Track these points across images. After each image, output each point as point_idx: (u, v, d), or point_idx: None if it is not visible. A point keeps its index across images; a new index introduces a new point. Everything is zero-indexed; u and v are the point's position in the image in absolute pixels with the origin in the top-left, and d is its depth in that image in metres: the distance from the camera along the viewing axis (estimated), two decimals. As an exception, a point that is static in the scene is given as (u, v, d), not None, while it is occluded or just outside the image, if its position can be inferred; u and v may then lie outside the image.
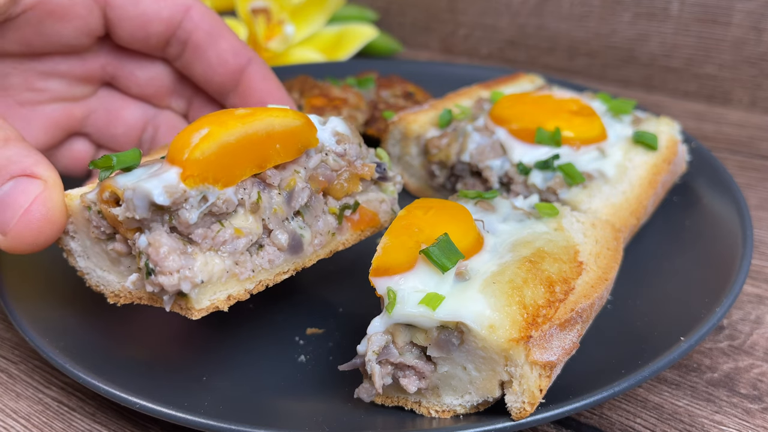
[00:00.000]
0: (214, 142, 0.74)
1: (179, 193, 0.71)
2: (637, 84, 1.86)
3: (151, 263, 0.72)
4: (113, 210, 0.74)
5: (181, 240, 0.74)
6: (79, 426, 0.85)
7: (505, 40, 2.01)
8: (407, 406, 0.80)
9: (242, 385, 0.85)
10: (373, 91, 1.47)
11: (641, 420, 0.86)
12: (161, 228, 0.73)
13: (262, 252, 0.80)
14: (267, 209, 0.79)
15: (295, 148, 0.81)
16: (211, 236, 0.75)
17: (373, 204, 0.92)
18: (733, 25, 1.68)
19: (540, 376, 0.73)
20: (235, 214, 0.77)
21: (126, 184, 0.73)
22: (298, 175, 0.82)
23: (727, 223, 1.05)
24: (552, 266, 0.81)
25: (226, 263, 0.76)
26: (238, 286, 0.79)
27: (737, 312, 1.03)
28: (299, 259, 0.84)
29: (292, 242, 0.82)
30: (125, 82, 1.06)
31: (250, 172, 0.77)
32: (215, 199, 0.74)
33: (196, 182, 0.72)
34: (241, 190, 0.77)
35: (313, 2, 1.82)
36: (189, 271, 0.73)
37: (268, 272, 0.82)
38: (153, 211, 0.72)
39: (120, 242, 0.78)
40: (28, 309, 0.90)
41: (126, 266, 0.80)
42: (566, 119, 1.12)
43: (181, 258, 0.73)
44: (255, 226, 0.78)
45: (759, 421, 0.86)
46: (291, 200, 0.81)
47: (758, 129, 1.62)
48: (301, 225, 0.83)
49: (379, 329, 0.76)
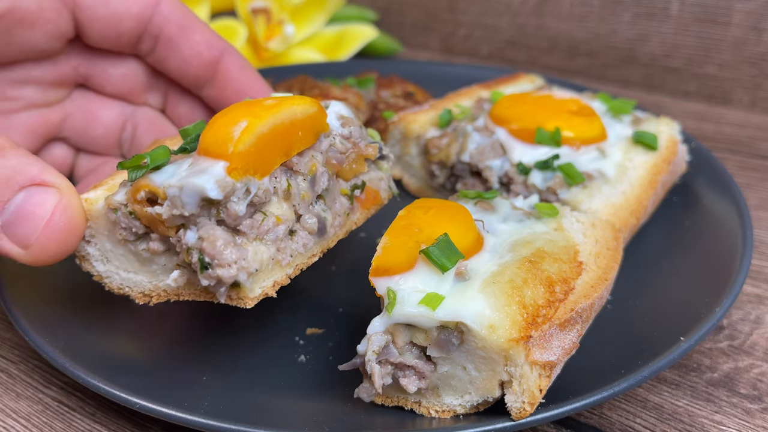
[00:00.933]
0: (253, 134, 0.75)
1: (230, 186, 0.73)
2: (637, 84, 1.86)
3: (207, 257, 0.73)
4: (152, 209, 0.74)
5: (230, 232, 0.75)
6: (79, 426, 0.85)
7: (505, 40, 2.02)
8: (407, 406, 0.80)
9: (242, 385, 0.85)
10: (373, 91, 1.47)
11: (641, 420, 0.86)
12: (210, 222, 0.74)
13: (295, 237, 0.82)
14: (296, 195, 0.81)
15: (312, 133, 0.84)
16: (257, 226, 0.76)
17: (374, 182, 0.94)
18: (733, 25, 1.68)
19: (540, 376, 0.73)
20: (271, 202, 0.79)
21: (167, 182, 0.73)
22: (317, 159, 0.84)
23: (727, 223, 1.05)
24: (552, 266, 0.81)
25: (271, 251, 0.78)
26: (281, 272, 0.81)
27: (737, 312, 1.03)
28: (324, 241, 0.87)
29: (319, 225, 0.84)
30: (99, 81, 1.05)
31: (280, 160, 0.80)
32: (256, 190, 0.75)
33: (241, 174, 0.74)
34: (274, 179, 0.79)
35: (313, 2, 1.83)
36: (244, 261, 0.74)
37: (303, 256, 0.84)
38: (202, 207, 0.73)
39: (156, 241, 0.78)
40: (28, 309, 0.90)
41: (160, 265, 0.81)
42: (566, 119, 1.12)
43: (236, 249, 0.74)
44: (290, 213, 0.80)
45: (759, 421, 0.86)
46: (314, 185, 0.83)
47: (758, 129, 1.62)
48: (324, 208, 0.86)
49: (379, 329, 0.76)
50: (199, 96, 1.07)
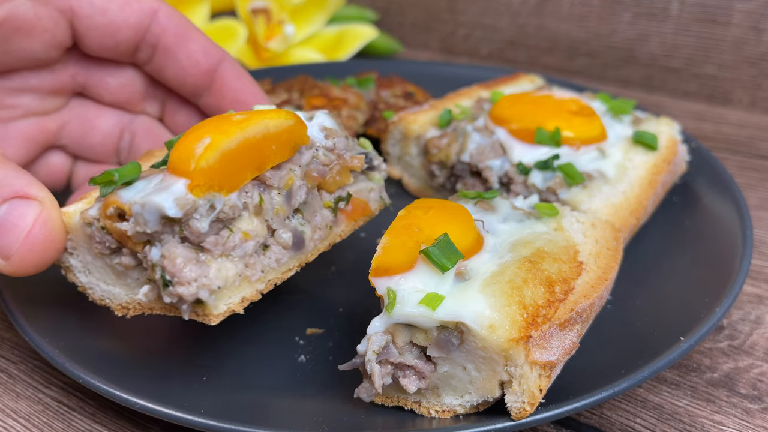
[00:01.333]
0: (217, 150, 0.74)
1: (189, 204, 0.72)
2: (637, 84, 1.86)
3: (168, 275, 0.73)
4: (120, 225, 0.74)
5: (194, 249, 0.74)
6: (79, 426, 0.85)
7: (505, 40, 2.02)
8: (407, 406, 0.80)
9: (242, 385, 0.85)
10: (373, 91, 1.47)
11: (641, 420, 0.86)
12: (173, 239, 0.74)
13: (268, 252, 0.81)
14: (269, 210, 0.80)
15: (289, 147, 0.82)
16: (221, 242, 0.76)
17: (363, 193, 0.93)
18: (733, 25, 1.68)
19: (540, 376, 0.73)
20: (240, 218, 0.78)
21: (132, 199, 0.73)
22: (294, 173, 0.83)
23: (727, 223, 1.05)
24: (552, 266, 0.81)
25: (238, 267, 0.77)
26: (250, 287, 0.80)
27: (737, 312, 1.03)
28: (302, 255, 0.86)
29: (295, 240, 0.83)
30: (97, 90, 1.05)
31: (251, 175, 0.78)
32: (222, 206, 0.75)
33: (204, 191, 0.73)
34: (244, 194, 0.78)
35: (313, 2, 1.83)
36: (206, 278, 0.74)
37: (276, 271, 0.83)
38: (163, 224, 0.73)
39: (127, 256, 0.78)
40: (28, 309, 0.90)
41: (134, 278, 0.81)
42: (566, 119, 1.12)
43: (197, 267, 0.73)
44: (260, 228, 0.79)
45: (759, 421, 0.86)
46: (290, 199, 0.82)
47: (758, 129, 1.62)
48: (302, 222, 0.85)
49: (379, 329, 0.76)
50: (197, 105, 1.07)
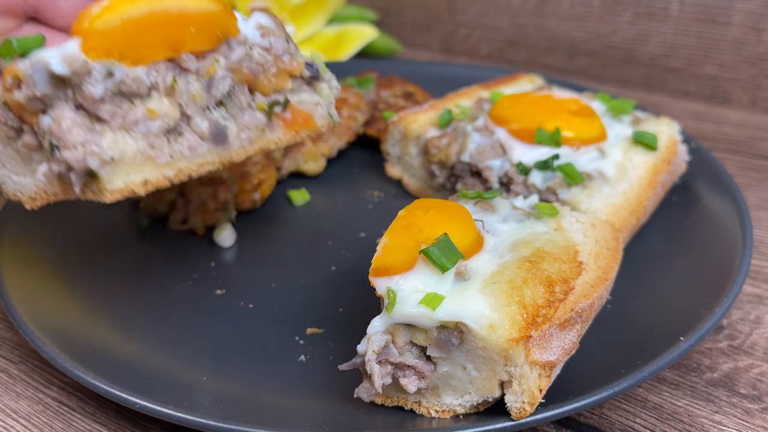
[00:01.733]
0: (117, 15, 0.72)
1: (79, 62, 0.69)
2: (637, 84, 1.86)
3: (54, 139, 0.70)
4: (15, 94, 0.72)
5: (89, 118, 0.72)
6: (79, 426, 0.85)
7: (505, 40, 2.02)
8: (407, 406, 0.80)
9: (242, 385, 0.85)
10: (373, 91, 1.47)
11: (641, 420, 0.86)
12: (65, 104, 0.71)
13: (181, 139, 0.80)
14: (184, 94, 0.78)
15: (212, 34, 0.80)
16: (121, 114, 0.73)
17: (307, 105, 0.91)
18: (733, 25, 1.68)
19: (540, 376, 0.73)
20: (150, 97, 0.76)
21: (25, 63, 0.71)
22: (218, 63, 0.81)
23: (726, 223, 1.05)
24: (552, 266, 0.82)
25: (140, 144, 0.75)
26: (155, 170, 0.78)
27: (737, 312, 1.03)
28: (224, 152, 0.84)
29: (214, 131, 0.81)
30: (49, 14, 1.02)
31: (163, 54, 0.76)
32: (123, 76, 0.72)
33: (99, 55, 0.71)
34: (154, 73, 0.76)
35: (313, 2, 1.83)
36: (96, 146, 0.71)
37: (189, 160, 0.81)
38: (54, 86, 0.70)
39: (29, 134, 0.76)
40: (28, 309, 0.90)
41: (38, 162, 0.78)
42: (566, 119, 1.12)
43: (87, 133, 0.71)
44: (171, 110, 0.77)
45: (759, 421, 0.86)
46: (211, 88, 0.80)
47: (758, 129, 1.62)
48: (225, 116, 0.83)
49: (379, 329, 0.76)
50: None
